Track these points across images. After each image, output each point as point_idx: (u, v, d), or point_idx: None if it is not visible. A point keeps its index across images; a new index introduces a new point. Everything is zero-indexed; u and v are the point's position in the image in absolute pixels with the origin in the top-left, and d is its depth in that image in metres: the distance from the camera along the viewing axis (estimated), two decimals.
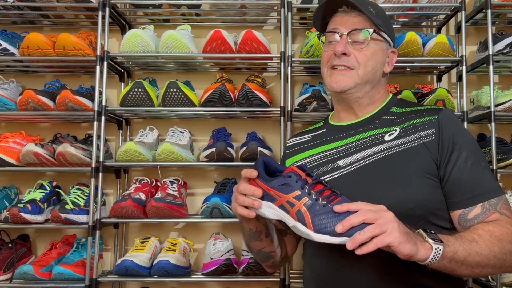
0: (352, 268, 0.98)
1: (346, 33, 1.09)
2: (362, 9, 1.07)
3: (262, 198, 0.92)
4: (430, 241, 0.84)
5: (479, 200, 0.98)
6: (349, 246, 0.77)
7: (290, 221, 0.87)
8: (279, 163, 1.33)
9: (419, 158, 1.01)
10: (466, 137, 1.03)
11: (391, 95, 1.19)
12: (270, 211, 0.90)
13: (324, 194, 0.87)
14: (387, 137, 1.07)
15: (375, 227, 0.78)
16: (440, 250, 0.84)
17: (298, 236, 1.24)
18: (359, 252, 0.77)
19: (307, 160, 1.16)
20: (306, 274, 1.15)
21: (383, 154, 1.04)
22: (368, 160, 1.05)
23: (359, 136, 1.11)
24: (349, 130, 1.14)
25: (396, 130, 1.07)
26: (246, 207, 0.94)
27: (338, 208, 0.81)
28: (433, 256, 0.83)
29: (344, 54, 1.08)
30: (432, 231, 0.88)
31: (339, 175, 1.07)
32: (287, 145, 1.29)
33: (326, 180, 1.06)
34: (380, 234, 0.78)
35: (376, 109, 1.15)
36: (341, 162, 1.08)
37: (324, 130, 1.21)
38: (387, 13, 1.81)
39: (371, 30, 1.09)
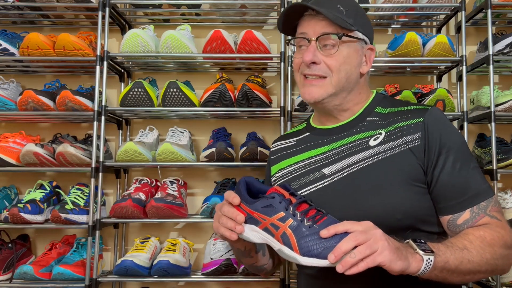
0: (342, 277, 0.96)
1: (314, 39, 1.02)
2: (326, 14, 1.00)
3: (245, 221, 0.88)
4: (421, 252, 0.83)
5: (467, 205, 0.95)
6: (339, 269, 0.76)
7: (276, 245, 0.83)
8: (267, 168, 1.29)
9: (406, 165, 0.97)
10: (454, 138, 0.99)
11: (374, 92, 1.13)
12: (255, 234, 0.87)
13: (310, 214, 0.83)
14: (372, 142, 1.02)
15: (365, 248, 0.77)
16: (431, 260, 0.82)
17: None
18: (349, 272, 0.76)
19: (292, 168, 1.12)
20: (299, 282, 1.13)
21: (369, 161, 1.00)
22: (353, 168, 1.01)
23: (343, 141, 1.06)
24: (333, 134, 1.09)
25: (381, 134, 1.03)
26: None
27: (324, 233, 0.79)
28: (424, 267, 0.82)
29: (314, 62, 1.02)
30: (422, 241, 0.86)
31: (324, 184, 1.03)
32: (271, 150, 1.23)
33: (311, 190, 1.03)
34: (370, 255, 0.77)
35: (359, 110, 1.09)
36: (326, 171, 1.04)
37: (308, 134, 1.16)
38: (387, 13, 1.83)
39: (340, 34, 1.01)
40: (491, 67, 1.66)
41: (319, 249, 0.78)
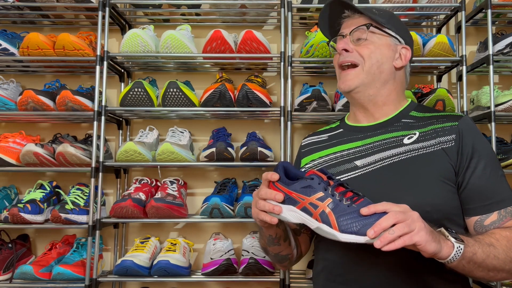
0: (365, 263, 0.99)
1: (348, 33, 1.14)
2: (357, 8, 1.12)
3: (283, 202, 0.92)
4: (452, 239, 0.86)
5: (496, 208, 1.00)
6: (378, 245, 0.79)
7: (313, 223, 0.87)
8: (293, 162, 1.33)
9: (438, 163, 1.02)
10: (485, 146, 1.05)
11: (410, 100, 1.20)
12: (292, 214, 0.90)
13: (347, 195, 0.87)
14: (406, 140, 1.07)
15: (404, 226, 0.80)
16: (461, 249, 0.85)
17: (312, 235, 1.25)
18: (385, 248, 0.79)
19: (323, 159, 1.16)
20: (317, 269, 1.14)
21: (402, 156, 1.05)
22: (386, 161, 1.05)
23: (377, 137, 1.11)
24: (367, 131, 1.14)
25: (415, 134, 1.08)
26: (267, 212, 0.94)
27: (365, 210, 0.82)
28: (454, 254, 0.85)
29: (346, 50, 1.12)
30: (453, 230, 0.90)
31: (356, 175, 1.07)
32: (302, 144, 1.29)
33: (343, 179, 1.06)
34: (408, 233, 0.80)
35: (395, 112, 1.15)
36: (358, 162, 1.09)
37: (341, 130, 1.22)
38: None
39: (368, 24, 1.12)
40: (491, 67, 1.66)
41: (358, 226, 0.81)
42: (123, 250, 1.94)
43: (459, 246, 0.85)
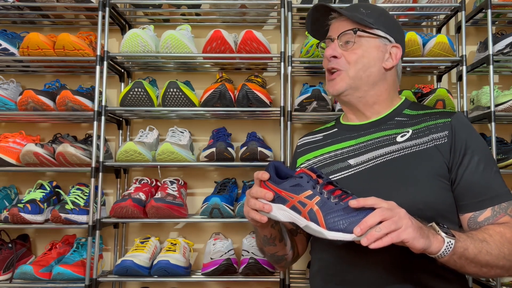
0: (361, 263, 0.99)
1: (336, 37, 1.12)
2: (342, 12, 1.11)
3: (273, 201, 0.92)
4: (443, 234, 0.86)
5: (489, 204, 0.99)
6: (364, 242, 0.78)
7: (302, 222, 0.87)
8: (289, 163, 1.33)
9: (431, 160, 1.01)
10: (479, 142, 1.04)
11: (404, 98, 1.20)
12: (282, 213, 0.91)
13: (336, 193, 0.87)
14: (399, 138, 1.07)
15: (391, 223, 0.80)
16: (451, 244, 0.85)
17: (309, 235, 1.25)
18: (373, 246, 0.78)
19: (318, 159, 1.17)
20: (313, 270, 1.15)
21: (395, 154, 1.04)
22: (379, 160, 1.06)
23: (370, 136, 1.11)
24: (360, 130, 1.15)
25: (408, 132, 1.08)
26: (258, 211, 0.95)
27: (353, 203, 0.82)
28: (445, 249, 0.85)
29: (335, 57, 1.11)
30: (445, 226, 0.89)
31: (349, 173, 1.08)
32: (298, 144, 1.30)
33: (336, 178, 1.07)
34: (395, 230, 0.80)
35: (388, 110, 1.15)
36: (352, 161, 1.09)
37: (336, 129, 1.22)
38: None
39: (355, 29, 1.10)
40: (491, 67, 1.66)
41: (345, 224, 0.81)
42: (123, 250, 1.94)
43: (450, 241, 0.85)
